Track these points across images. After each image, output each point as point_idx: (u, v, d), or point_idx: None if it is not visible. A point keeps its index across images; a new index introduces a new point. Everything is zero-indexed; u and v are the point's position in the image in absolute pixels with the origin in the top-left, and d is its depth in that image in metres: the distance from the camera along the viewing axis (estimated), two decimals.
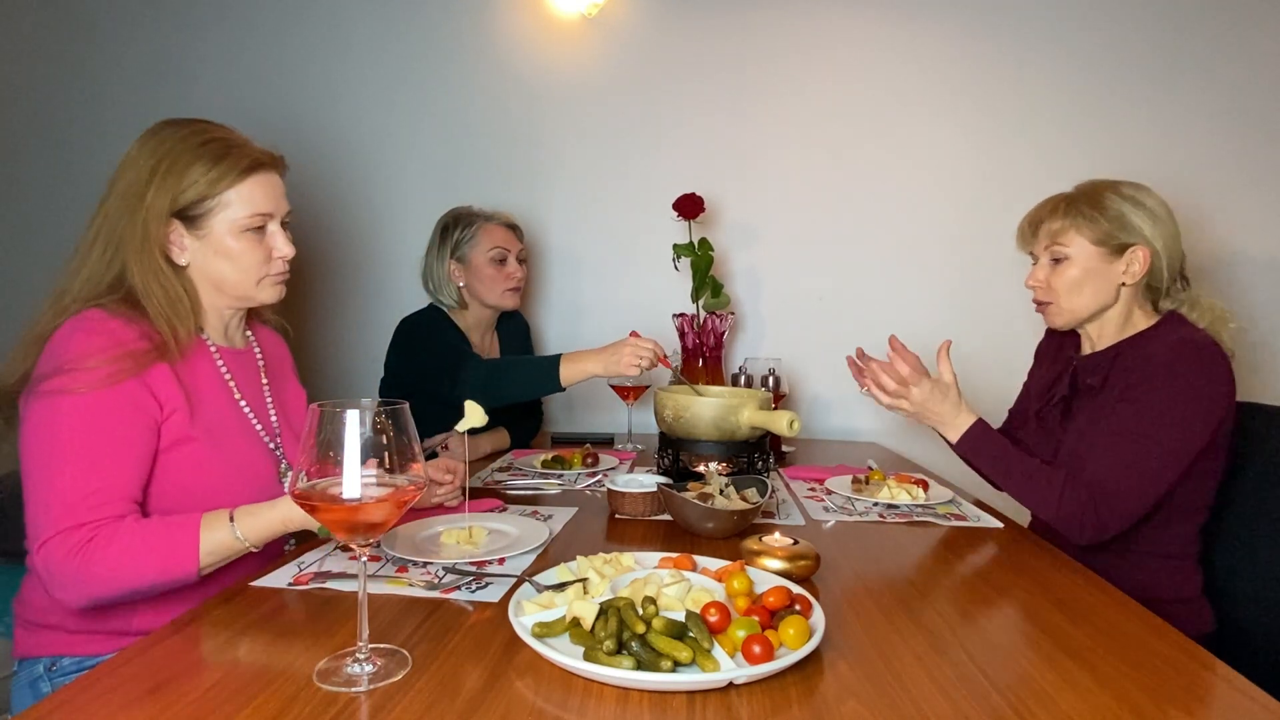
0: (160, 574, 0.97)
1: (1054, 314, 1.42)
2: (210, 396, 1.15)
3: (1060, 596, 1.00)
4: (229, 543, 1.00)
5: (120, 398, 1.02)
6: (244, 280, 1.15)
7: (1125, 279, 1.35)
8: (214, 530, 0.99)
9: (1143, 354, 1.31)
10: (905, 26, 2.21)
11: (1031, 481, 1.28)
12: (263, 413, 1.24)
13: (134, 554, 0.96)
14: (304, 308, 2.38)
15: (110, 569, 0.95)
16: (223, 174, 1.09)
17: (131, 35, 2.38)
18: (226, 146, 1.11)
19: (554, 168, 2.33)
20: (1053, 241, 1.38)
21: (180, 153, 1.09)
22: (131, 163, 1.10)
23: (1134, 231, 1.33)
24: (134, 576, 0.96)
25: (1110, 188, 1.36)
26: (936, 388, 1.35)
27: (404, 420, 0.74)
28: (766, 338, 2.32)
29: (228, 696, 0.70)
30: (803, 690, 0.73)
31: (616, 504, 1.33)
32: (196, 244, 1.12)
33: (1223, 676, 0.79)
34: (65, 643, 1.09)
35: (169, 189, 1.08)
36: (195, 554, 0.98)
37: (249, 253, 1.13)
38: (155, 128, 1.13)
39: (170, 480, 1.07)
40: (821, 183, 2.26)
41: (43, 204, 2.43)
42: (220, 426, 1.14)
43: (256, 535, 1.01)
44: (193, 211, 1.10)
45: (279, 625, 0.86)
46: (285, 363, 1.37)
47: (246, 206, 1.12)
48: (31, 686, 1.08)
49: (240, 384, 1.21)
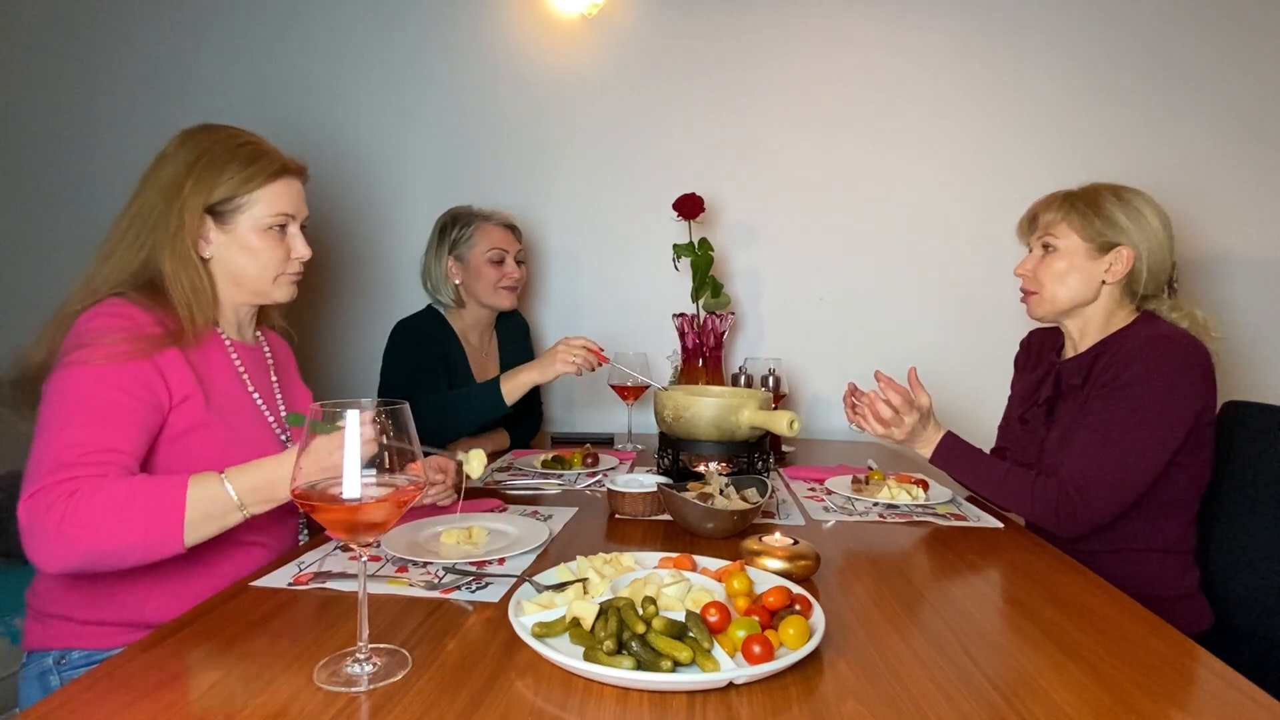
0: (143, 533, 0.94)
1: (1036, 303, 1.47)
2: (225, 385, 1.19)
3: (1060, 596, 1.00)
4: (220, 500, 0.97)
5: (130, 373, 1.04)
6: (262, 275, 1.21)
7: (1106, 277, 1.40)
8: (203, 487, 0.97)
9: (1118, 350, 1.35)
10: (906, 26, 2.21)
11: (1005, 484, 1.34)
12: (273, 406, 1.28)
13: (115, 509, 0.93)
14: (304, 307, 2.38)
15: (90, 523, 0.92)
16: (254, 175, 1.17)
17: (132, 35, 2.38)
18: (260, 151, 1.19)
19: (554, 168, 2.33)
20: (1045, 232, 1.44)
21: (218, 152, 1.16)
22: (170, 159, 1.17)
23: (1121, 232, 1.38)
24: (114, 534, 0.93)
25: (1110, 190, 1.42)
26: (921, 417, 1.39)
27: (404, 420, 0.74)
28: (766, 338, 2.32)
29: (228, 696, 0.70)
30: (803, 690, 0.73)
31: (616, 504, 1.33)
32: (222, 238, 1.18)
33: (1220, 674, 0.79)
34: (75, 634, 1.09)
35: (206, 184, 1.15)
36: (181, 511, 0.95)
37: (269, 250, 1.20)
38: (194, 129, 1.20)
39: (188, 466, 1.05)
40: (822, 183, 2.26)
41: (42, 205, 2.42)
42: (235, 414, 1.18)
43: (252, 494, 0.99)
44: (223, 208, 1.17)
45: (279, 625, 0.86)
46: (291, 365, 1.42)
47: (272, 206, 1.19)
48: (40, 679, 1.09)
49: (253, 377, 1.25)
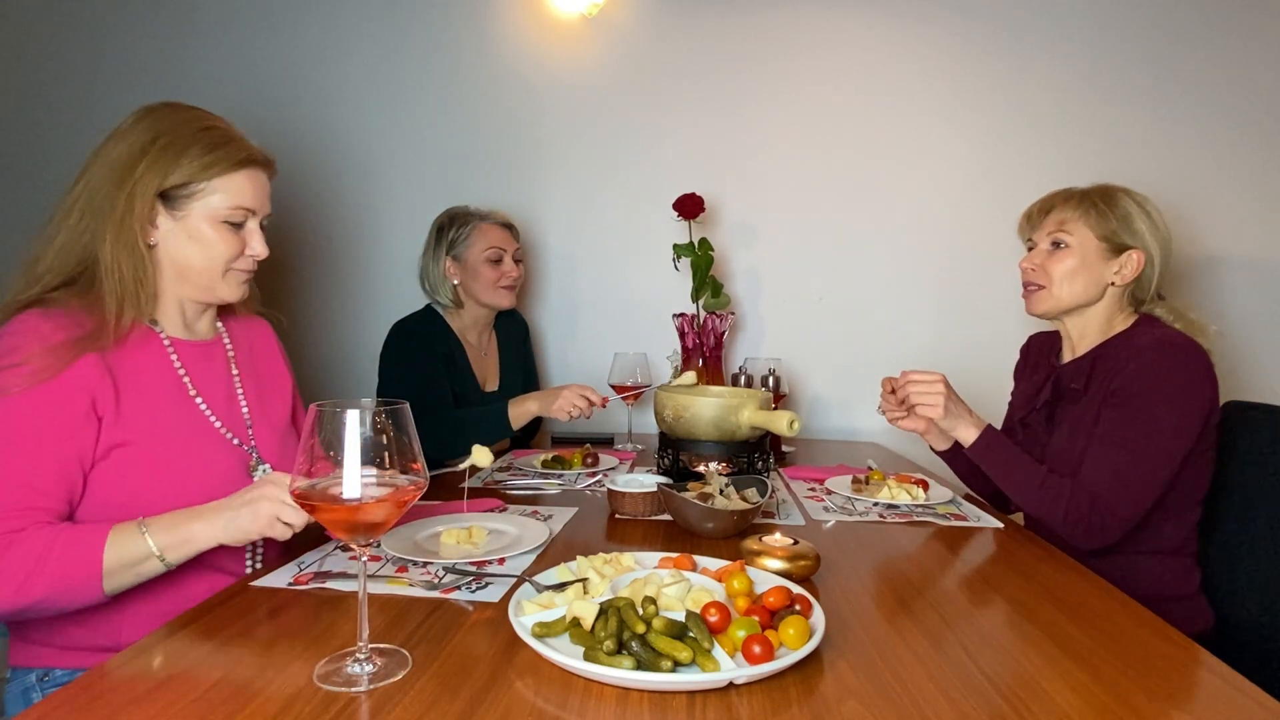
0: (60, 584, 0.91)
1: (1042, 298, 1.43)
2: (155, 393, 1.09)
3: (1060, 596, 1.00)
4: (140, 554, 0.93)
5: (45, 397, 0.97)
6: (209, 268, 1.12)
7: (1115, 279, 1.39)
8: (123, 538, 0.93)
9: (1121, 355, 1.34)
10: (905, 27, 2.21)
11: (1044, 488, 1.30)
12: (228, 407, 1.18)
13: (29, 567, 0.90)
14: (304, 307, 2.38)
15: (7, 582, 0.90)
16: (216, 161, 1.09)
17: (132, 35, 2.38)
18: (226, 137, 1.12)
19: (554, 167, 2.33)
20: (1058, 228, 1.41)
21: (179, 134, 1.08)
22: (124, 134, 1.08)
23: (1136, 235, 1.37)
24: (30, 590, 0.90)
25: (1123, 191, 1.41)
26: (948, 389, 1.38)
27: (404, 420, 0.74)
28: (766, 338, 2.32)
29: (228, 696, 0.70)
30: (803, 690, 0.73)
31: (616, 504, 1.33)
32: (170, 224, 1.10)
33: (1221, 675, 0.79)
34: (56, 656, 1.06)
35: (161, 166, 1.06)
36: (98, 565, 0.91)
37: (221, 242, 1.12)
38: (155, 106, 1.12)
39: (111, 491, 1.02)
40: (822, 182, 2.26)
41: (45, 204, 2.42)
42: (165, 426, 1.08)
43: (172, 550, 0.95)
44: (177, 193, 1.08)
45: (279, 625, 0.86)
46: (268, 352, 1.32)
47: (232, 198, 1.11)
48: (24, 695, 1.06)
49: (198, 378, 1.15)
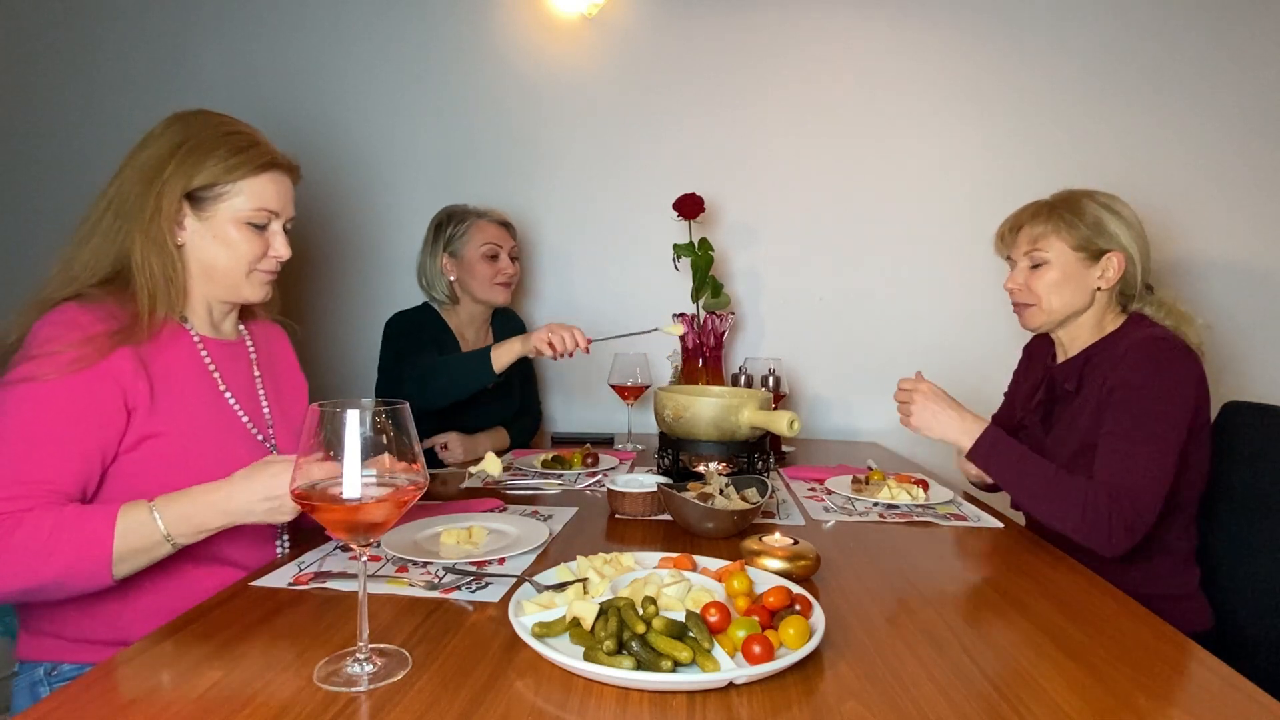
0: (70, 565, 0.92)
1: (1033, 315, 1.44)
2: (187, 387, 1.12)
3: (1060, 596, 1.00)
4: (148, 532, 0.94)
5: (78, 389, 0.99)
6: (234, 269, 1.16)
7: (1100, 284, 1.39)
8: (132, 518, 0.94)
9: (1113, 354, 1.33)
10: (905, 27, 2.21)
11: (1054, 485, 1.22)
12: (253, 406, 1.21)
13: (36, 546, 0.91)
14: (304, 306, 2.38)
15: (10, 561, 0.91)
16: (240, 164, 1.12)
17: (133, 34, 2.39)
18: (251, 141, 1.15)
19: (554, 167, 2.33)
20: (1033, 246, 1.41)
21: (206, 136, 1.12)
22: (155, 139, 1.12)
23: (1110, 238, 1.37)
24: (37, 571, 0.91)
25: (1087, 195, 1.41)
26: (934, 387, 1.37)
27: (404, 420, 0.74)
28: (766, 338, 2.32)
29: (228, 696, 0.70)
30: (803, 690, 0.73)
31: (616, 504, 1.33)
32: (197, 225, 1.13)
33: (1220, 674, 0.79)
34: (64, 649, 1.07)
35: (188, 168, 1.10)
36: (108, 546, 0.92)
37: (245, 243, 1.15)
38: (186, 113, 1.15)
39: (138, 481, 1.03)
40: (821, 182, 2.26)
41: (50, 202, 2.43)
42: (197, 420, 1.11)
43: (182, 523, 0.96)
44: (203, 194, 1.12)
45: (279, 625, 0.86)
46: (285, 357, 1.35)
47: (255, 200, 1.14)
48: (31, 690, 1.07)
49: (226, 375, 1.18)
